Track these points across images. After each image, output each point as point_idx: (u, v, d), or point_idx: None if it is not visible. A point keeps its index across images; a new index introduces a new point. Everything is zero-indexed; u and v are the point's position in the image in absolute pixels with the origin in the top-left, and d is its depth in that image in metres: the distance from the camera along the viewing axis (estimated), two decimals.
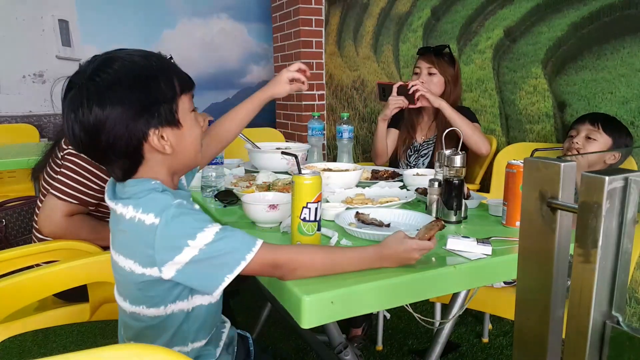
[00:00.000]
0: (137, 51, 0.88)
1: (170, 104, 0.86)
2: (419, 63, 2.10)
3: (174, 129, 0.87)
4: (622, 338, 0.44)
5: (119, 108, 0.81)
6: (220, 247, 0.80)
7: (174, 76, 0.88)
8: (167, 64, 0.89)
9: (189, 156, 0.93)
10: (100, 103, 0.80)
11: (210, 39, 4.29)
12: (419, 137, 2.18)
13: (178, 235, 0.79)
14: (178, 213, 0.80)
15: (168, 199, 0.83)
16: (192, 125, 0.91)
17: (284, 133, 3.73)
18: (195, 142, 0.93)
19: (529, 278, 0.50)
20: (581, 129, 1.68)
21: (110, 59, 0.84)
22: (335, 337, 1.36)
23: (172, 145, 0.87)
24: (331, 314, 0.80)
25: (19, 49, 3.59)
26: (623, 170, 0.43)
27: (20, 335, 1.10)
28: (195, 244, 0.79)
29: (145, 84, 0.84)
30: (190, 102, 0.92)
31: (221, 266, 0.80)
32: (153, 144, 0.85)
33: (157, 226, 0.79)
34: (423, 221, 1.15)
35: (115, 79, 0.81)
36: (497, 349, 2.06)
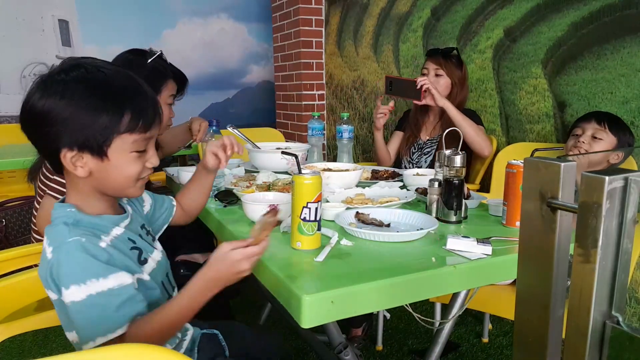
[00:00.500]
0: (109, 68, 0.84)
1: (102, 136, 0.81)
2: (427, 64, 2.13)
3: (95, 158, 0.83)
4: (622, 338, 0.44)
5: (49, 110, 0.79)
6: (85, 313, 0.77)
7: (128, 111, 0.82)
8: (130, 95, 0.84)
9: (113, 187, 0.88)
10: (40, 96, 0.80)
11: (210, 39, 4.29)
12: (423, 135, 2.21)
13: (62, 277, 0.78)
14: (70, 253, 0.78)
15: (67, 234, 0.80)
16: (124, 164, 0.85)
17: (284, 133, 3.73)
18: (122, 179, 0.87)
19: (529, 278, 0.50)
20: (587, 128, 1.68)
21: (78, 65, 0.82)
22: (335, 337, 1.36)
23: (91, 170, 0.84)
24: (331, 313, 0.80)
25: (19, 49, 3.59)
26: (623, 170, 0.43)
27: (20, 335, 1.10)
28: (67, 293, 0.77)
29: (85, 105, 0.80)
30: (136, 144, 0.85)
31: (80, 329, 0.79)
32: (64, 162, 0.82)
33: (50, 261, 0.79)
34: (423, 221, 1.15)
35: (64, 85, 0.80)
36: (497, 349, 2.06)
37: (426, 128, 2.21)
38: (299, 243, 0.98)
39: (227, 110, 4.45)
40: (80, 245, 0.79)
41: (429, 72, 2.10)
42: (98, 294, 0.77)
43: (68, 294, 0.77)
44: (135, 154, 0.86)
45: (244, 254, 0.84)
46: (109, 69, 0.84)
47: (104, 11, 3.80)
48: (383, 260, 0.94)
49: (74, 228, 0.82)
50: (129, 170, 0.86)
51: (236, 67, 4.44)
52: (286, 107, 4.02)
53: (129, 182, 0.88)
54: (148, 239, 1.00)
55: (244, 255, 0.84)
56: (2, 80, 3.59)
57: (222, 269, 0.84)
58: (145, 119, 0.84)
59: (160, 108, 0.90)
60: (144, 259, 0.92)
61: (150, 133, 0.87)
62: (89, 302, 0.77)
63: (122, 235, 0.89)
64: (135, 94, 0.85)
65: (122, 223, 0.92)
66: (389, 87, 2.10)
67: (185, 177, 1.58)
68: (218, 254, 0.85)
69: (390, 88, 2.10)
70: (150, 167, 0.90)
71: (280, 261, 0.94)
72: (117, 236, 0.88)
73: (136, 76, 0.88)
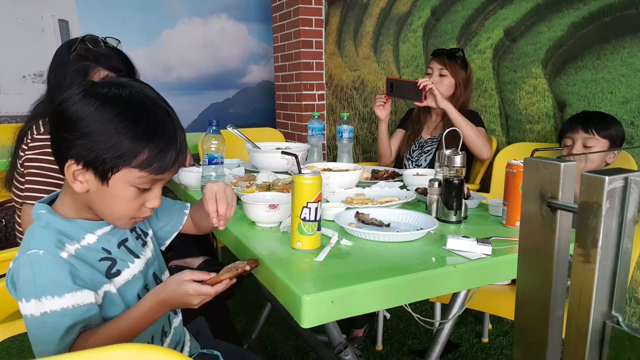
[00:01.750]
0: (156, 100, 0.83)
1: (111, 162, 0.79)
2: (432, 64, 2.14)
3: (97, 180, 0.81)
4: (622, 338, 0.44)
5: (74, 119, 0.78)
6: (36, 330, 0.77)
7: (148, 151, 0.80)
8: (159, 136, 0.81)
9: (103, 213, 0.85)
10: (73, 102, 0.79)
11: (210, 39, 4.29)
12: (424, 134, 2.22)
13: (20, 288, 0.77)
14: (28, 267, 0.77)
15: (29, 243, 0.79)
16: (122, 196, 0.82)
17: (284, 133, 3.73)
18: (113, 208, 0.84)
19: (529, 278, 0.50)
20: (576, 138, 1.68)
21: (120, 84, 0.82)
22: (335, 337, 1.36)
23: (89, 189, 0.82)
24: (331, 313, 0.80)
25: (19, 49, 3.59)
26: (623, 170, 0.43)
27: (20, 335, 1.10)
28: (27, 306, 0.76)
29: (108, 127, 0.78)
30: (141, 181, 0.82)
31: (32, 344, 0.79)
32: (67, 172, 0.81)
33: (11, 269, 0.79)
34: (423, 221, 1.15)
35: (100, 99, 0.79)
36: (497, 349, 2.06)
37: (428, 127, 2.22)
38: (299, 243, 0.98)
39: (227, 110, 4.45)
40: (39, 259, 0.77)
41: (433, 71, 2.11)
42: (51, 312, 0.76)
43: (27, 306, 0.76)
44: (136, 190, 0.83)
45: (197, 290, 0.84)
46: (152, 101, 0.82)
47: (104, 11, 3.80)
48: (383, 260, 0.94)
49: (42, 231, 0.81)
50: (124, 206, 0.84)
51: (236, 67, 4.44)
52: (286, 107, 4.02)
53: (121, 216, 0.85)
54: (135, 245, 0.95)
55: (196, 291, 0.84)
56: (2, 80, 3.59)
57: (175, 294, 0.84)
58: (161, 163, 0.82)
59: (184, 156, 0.87)
60: (116, 271, 0.88)
61: (162, 176, 0.84)
62: (41, 319, 0.76)
63: (94, 244, 0.86)
64: (164, 135, 0.82)
65: (99, 230, 0.88)
66: (390, 89, 2.10)
67: (185, 177, 1.58)
68: (176, 278, 0.85)
69: (391, 90, 2.10)
70: (150, 207, 0.87)
71: (280, 261, 0.94)
72: (88, 245, 0.85)
73: (176, 117, 0.85)
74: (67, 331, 0.77)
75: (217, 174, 1.45)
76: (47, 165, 1.35)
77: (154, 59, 4.06)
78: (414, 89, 2.01)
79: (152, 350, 0.55)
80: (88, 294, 0.80)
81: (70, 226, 0.85)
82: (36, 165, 1.35)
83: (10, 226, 1.63)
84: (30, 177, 1.35)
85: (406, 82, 2.10)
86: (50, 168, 1.36)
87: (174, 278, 0.85)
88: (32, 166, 1.36)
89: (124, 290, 0.88)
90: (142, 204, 0.86)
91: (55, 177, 1.36)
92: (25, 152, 1.39)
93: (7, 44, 3.56)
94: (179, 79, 4.20)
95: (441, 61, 2.10)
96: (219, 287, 0.85)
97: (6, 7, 3.52)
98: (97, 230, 0.88)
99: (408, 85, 2.05)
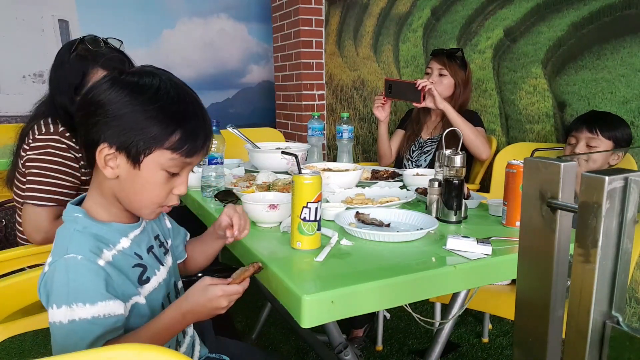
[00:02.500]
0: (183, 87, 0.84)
1: (144, 144, 0.80)
2: (431, 64, 2.13)
3: (129, 164, 0.81)
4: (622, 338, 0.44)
5: (107, 103, 0.79)
6: (62, 337, 0.76)
7: (180, 132, 0.81)
8: (191, 119, 0.82)
9: (130, 200, 0.85)
10: (105, 89, 0.80)
11: (210, 39, 4.29)
12: (424, 134, 2.22)
13: (51, 294, 0.76)
14: (64, 271, 0.76)
15: (67, 247, 0.78)
16: (152, 179, 0.83)
17: (284, 133, 3.73)
18: (143, 194, 0.84)
19: (529, 278, 0.50)
20: (580, 137, 1.67)
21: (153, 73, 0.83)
22: (336, 337, 1.36)
23: (119, 175, 0.82)
24: (331, 313, 0.80)
25: (19, 49, 3.59)
26: (623, 170, 0.43)
27: (20, 335, 1.09)
28: (57, 312, 0.75)
29: (143, 109, 0.79)
30: (172, 163, 0.83)
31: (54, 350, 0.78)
32: (98, 157, 0.81)
33: (45, 274, 0.78)
34: (423, 221, 1.15)
35: (133, 85, 0.80)
36: (497, 349, 2.06)
37: (427, 127, 2.22)
38: (299, 243, 0.98)
39: (227, 110, 4.45)
40: (75, 264, 0.76)
41: (432, 71, 2.11)
42: (81, 320, 0.75)
43: (57, 313, 0.75)
44: (166, 175, 0.83)
45: (225, 290, 0.84)
46: (180, 87, 0.84)
47: (103, 11, 3.80)
48: (383, 260, 0.94)
49: (79, 236, 0.80)
50: (154, 191, 0.84)
51: (236, 67, 4.44)
52: (286, 107, 4.02)
53: (149, 202, 0.85)
54: (159, 252, 0.96)
55: (224, 292, 0.84)
56: (2, 80, 3.59)
57: (201, 302, 0.84)
58: (192, 145, 0.83)
59: (212, 141, 0.89)
60: (146, 278, 0.88)
61: (191, 160, 0.85)
62: (69, 327, 0.75)
63: (128, 249, 0.86)
64: (195, 118, 0.84)
65: (131, 233, 0.89)
66: (388, 90, 2.10)
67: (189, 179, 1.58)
68: (198, 286, 0.85)
69: (390, 91, 2.09)
70: (177, 193, 0.87)
71: (280, 261, 0.94)
72: (123, 250, 0.85)
73: (202, 103, 0.87)
74: (94, 341, 0.76)
75: (217, 174, 1.45)
76: (48, 166, 1.35)
77: (154, 59, 4.06)
78: (413, 90, 2.00)
79: (152, 351, 0.55)
80: (119, 305, 0.79)
81: (106, 230, 0.84)
82: (38, 165, 1.35)
83: (10, 226, 1.63)
84: (31, 177, 1.35)
85: (405, 83, 2.10)
86: (51, 168, 1.35)
87: (195, 287, 0.85)
88: (33, 166, 1.36)
89: (150, 299, 0.88)
90: (170, 190, 0.86)
91: (57, 177, 1.36)
92: (26, 151, 1.39)
93: (7, 44, 3.56)
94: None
95: (440, 61, 2.09)
96: (246, 285, 0.86)
97: (6, 7, 3.52)
98: (130, 234, 0.88)
99: (406, 86, 2.05)
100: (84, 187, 1.42)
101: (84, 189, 1.41)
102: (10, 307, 1.13)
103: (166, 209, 0.89)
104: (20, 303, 1.14)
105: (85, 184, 1.41)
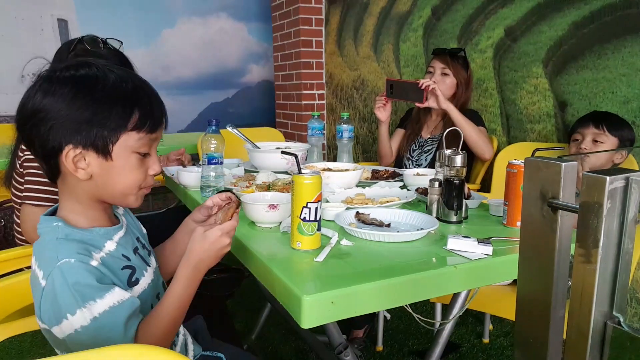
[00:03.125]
0: (120, 69, 0.83)
1: (110, 133, 0.79)
2: (433, 63, 2.12)
3: (100, 158, 0.80)
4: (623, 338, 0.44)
5: (55, 106, 0.76)
6: (92, 338, 0.75)
7: (138, 110, 0.80)
8: (141, 95, 0.82)
9: (111, 193, 0.84)
10: (44, 93, 0.77)
11: (210, 38, 4.29)
12: (425, 133, 2.21)
13: (59, 306, 0.74)
14: (62, 279, 0.74)
15: (57, 255, 0.75)
16: (127, 165, 0.82)
17: (284, 133, 3.73)
18: (122, 182, 0.83)
19: (529, 278, 0.50)
20: (586, 133, 1.67)
21: (84, 63, 0.81)
22: (336, 337, 1.36)
23: (92, 173, 0.80)
24: (331, 314, 0.80)
25: (18, 48, 3.59)
26: (624, 170, 0.43)
27: (19, 336, 1.09)
28: (74, 320, 0.74)
29: (95, 100, 0.77)
30: (140, 143, 0.82)
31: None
32: (65, 162, 0.78)
33: (43, 289, 0.75)
34: (424, 221, 1.15)
35: (73, 80, 0.78)
36: (498, 349, 2.05)
37: (428, 126, 2.22)
38: (299, 243, 0.98)
39: (226, 110, 4.45)
40: (71, 267, 0.75)
41: (435, 70, 2.10)
42: (102, 313, 0.75)
43: (75, 320, 0.73)
44: (138, 157, 0.83)
45: (222, 229, 0.87)
46: (118, 69, 0.83)
47: (103, 10, 3.80)
48: (383, 260, 0.94)
49: (64, 243, 0.78)
50: (132, 175, 0.83)
51: (236, 66, 4.44)
52: (286, 107, 4.02)
53: (131, 187, 0.85)
54: (143, 253, 0.95)
55: (223, 230, 0.87)
56: (2, 80, 3.59)
57: (205, 247, 0.86)
58: (152, 119, 0.83)
59: (165, 111, 0.88)
60: (135, 280, 0.87)
61: (156, 135, 0.85)
62: (94, 326, 0.74)
63: (114, 251, 0.85)
64: (145, 94, 0.83)
65: (116, 235, 0.87)
66: (390, 90, 2.07)
67: (184, 177, 1.58)
68: (196, 236, 0.87)
69: (391, 91, 2.07)
70: (152, 173, 0.87)
71: (280, 261, 0.93)
72: (110, 252, 0.84)
73: (142, 77, 0.87)
74: (126, 325, 0.77)
75: (217, 174, 1.45)
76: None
77: (154, 59, 4.06)
78: (415, 90, 1.99)
79: (152, 351, 0.55)
80: (122, 291, 0.79)
81: (90, 235, 0.83)
82: (35, 166, 1.35)
83: (9, 226, 1.63)
84: (29, 177, 1.35)
85: (407, 82, 2.09)
86: None
87: (193, 239, 0.87)
88: (31, 166, 1.36)
89: (140, 300, 0.86)
90: (145, 172, 0.86)
91: None
92: (24, 152, 1.39)
93: (6, 44, 3.56)
94: (179, 79, 4.20)
95: (443, 60, 2.09)
96: (237, 217, 0.92)
97: (5, 6, 3.52)
98: (114, 236, 0.87)
99: (409, 86, 2.04)
100: None
101: None
102: (8, 307, 1.13)
103: (146, 190, 0.89)
104: (19, 303, 1.13)
105: None
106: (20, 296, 1.11)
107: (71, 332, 0.75)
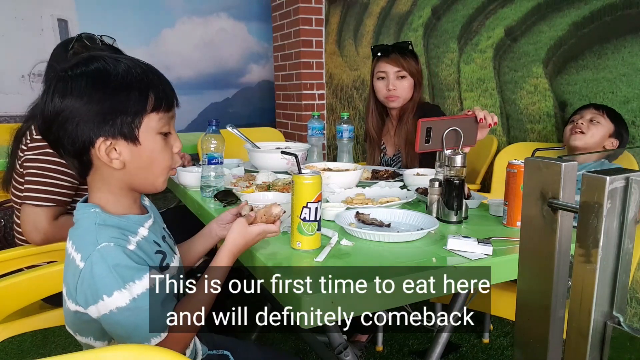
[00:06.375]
0: (124, 57, 0.85)
1: (133, 118, 0.81)
2: (382, 66, 1.82)
3: (129, 145, 0.82)
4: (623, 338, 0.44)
5: (76, 104, 0.78)
6: (130, 318, 0.77)
7: (152, 92, 0.83)
8: (152, 78, 0.85)
9: (144, 177, 0.87)
10: (62, 94, 0.79)
11: (210, 38, 4.29)
12: (389, 149, 2.00)
13: (97, 287, 0.76)
14: (102, 261, 0.76)
15: (96, 239, 0.78)
16: (155, 147, 0.85)
17: (284, 133, 3.73)
18: (154, 165, 0.86)
19: (529, 278, 0.50)
20: (585, 113, 1.72)
21: (92, 57, 0.83)
22: (336, 337, 1.36)
23: (124, 161, 0.83)
24: (331, 314, 0.80)
25: (18, 48, 3.59)
26: (624, 170, 0.43)
27: (19, 336, 1.09)
28: (111, 301, 0.76)
29: (112, 90, 0.80)
30: (161, 123, 0.86)
31: (127, 337, 0.78)
32: (99, 154, 0.81)
33: (81, 271, 0.77)
34: (424, 221, 1.15)
35: (86, 76, 0.80)
36: (498, 349, 2.05)
37: (387, 142, 2.00)
38: (299, 243, 0.98)
39: (226, 110, 4.45)
40: (110, 251, 0.78)
41: (388, 75, 1.81)
42: (141, 295, 0.77)
43: (112, 301, 0.76)
44: (162, 137, 0.86)
45: (266, 230, 0.93)
46: (124, 58, 0.85)
47: (103, 10, 3.80)
48: (383, 260, 0.94)
49: (102, 228, 0.81)
50: (161, 156, 0.87)
51: (236, 66, 4.44)
52: (286, 107, 4.02)
53: (163, 168, 0.88)
54: (170, 242, 0.97)
55: (265, 231, 0.93)
56: (2, 80, 3.59)
57: (249, 240, 0.92)
58: (166, 98, 0.86)
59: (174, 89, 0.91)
60: (166, 265, 0.89)
61: (172, 112, 0.88)
62: (133, 306, 0.77)
63: (147, 236, 0.87)
64: (154, 76, 0.86)
65: (146, 223, 0.90)
66: (427, 138, 1.27)
67: (184, 177, 1.58)
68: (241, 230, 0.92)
69: (428, 139, 1.27)
70: (176, 151, 0.90)
71: (280, 261, 0.93)
72: (144, 237, 0.86)
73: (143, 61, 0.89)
74: (164, 304, 0.80)
75: (217, 174, 1.45)
76: (46, 166, 1.35)
77: (153, 59, 4.04)
78: (470, 126, 1.31)
79: (152, 351, 0.55)
80: (159, 273, 0.82)
81: (125, 222, 0.86)
82: (36, 166, 1.35)
83: (9, 227, 1.63)
84: (29, 177, 1.35)
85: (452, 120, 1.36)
86: (49, 168, 1.35)
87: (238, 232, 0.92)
88: (31, 166, 1.36)
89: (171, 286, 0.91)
90: (171, 151, 0.89)
91: (55, 178, 1.36)
92: (24, 152, 1.38)
93: (6, 44, 3.56)
94: (179, 79, 4.20)
95: (396, 62, 1.79)
96: (279, 224, 0.96)
97: (5, 6, 3.52)
98: (145, 223, 0.90)
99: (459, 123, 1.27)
100: (82, 187, 1.41)
101: (82, 189, 1.41)
102: (8, 307, 1.13)
103: (173, 172, 0.93)
104: (19, 304, 1.14)
105: (83, 184, 1.41)
106: (20, 296, 1.11)
107: (106, 313, 0.77)
